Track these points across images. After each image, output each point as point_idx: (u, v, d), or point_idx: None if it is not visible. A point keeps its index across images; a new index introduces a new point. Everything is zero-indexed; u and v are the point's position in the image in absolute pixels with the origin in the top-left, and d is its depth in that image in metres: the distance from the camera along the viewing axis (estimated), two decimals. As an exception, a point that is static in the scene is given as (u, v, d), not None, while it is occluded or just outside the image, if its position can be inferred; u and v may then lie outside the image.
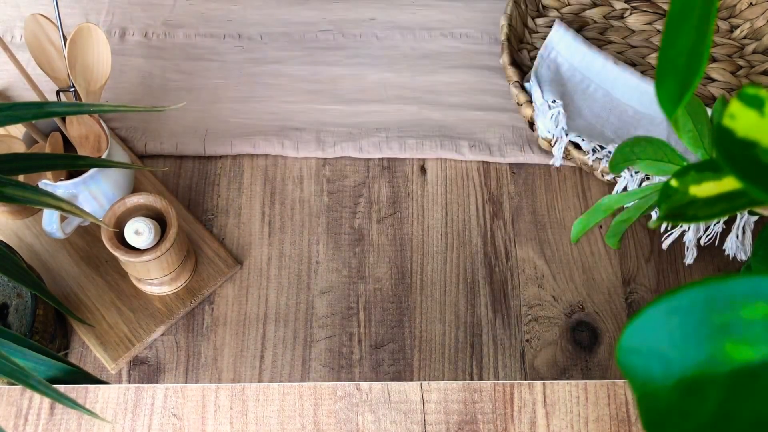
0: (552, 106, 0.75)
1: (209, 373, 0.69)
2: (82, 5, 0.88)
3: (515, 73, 0.79)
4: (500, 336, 0.72)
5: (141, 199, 0.65)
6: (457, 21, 0.90)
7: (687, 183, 0.35)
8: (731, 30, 0.89)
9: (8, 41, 0.85)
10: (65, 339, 0.70)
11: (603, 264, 0.75)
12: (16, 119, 0.51)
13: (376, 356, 0.70)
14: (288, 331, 0.71)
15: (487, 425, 0.48)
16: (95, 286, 0.71)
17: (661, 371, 0.24)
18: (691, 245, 0.73)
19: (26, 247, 0.73)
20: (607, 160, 0.74)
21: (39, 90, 0.65)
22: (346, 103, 0.83)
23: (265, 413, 0.48)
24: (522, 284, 0.74)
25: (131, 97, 0.82)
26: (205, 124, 0.80)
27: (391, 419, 0.48)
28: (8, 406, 0.48)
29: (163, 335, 0.71)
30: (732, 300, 0.24)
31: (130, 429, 0.48)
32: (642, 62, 0.87)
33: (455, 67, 0.86)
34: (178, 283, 0.71)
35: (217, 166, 0.79)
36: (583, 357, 0.71)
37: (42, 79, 0.65)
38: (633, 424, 0.48)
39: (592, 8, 0.90)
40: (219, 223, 0.76)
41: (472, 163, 0.80)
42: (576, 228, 0.58)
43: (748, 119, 0.25)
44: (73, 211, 0.49)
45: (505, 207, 0.78)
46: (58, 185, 0.66)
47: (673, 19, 0.29)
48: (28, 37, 0.64)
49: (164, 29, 0.87)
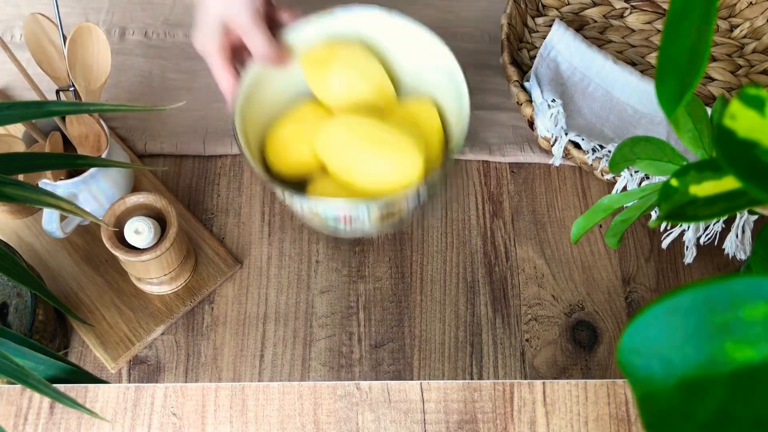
0: (552, 106, 0.75)
1: (209, 372, 0.69)
2: (81, 4, 0.88)
3: (515, 73, 0.79)
4: (500, 335, 0.72)
5: (141, 198, 0.65)
6: (456, 20, 0.89)
7: (687, 182, 0.35)
8: (731, 29, 0.89)
9: (8, 40, 0.85)
10: (65, 338, 0.70)
11: (603, 263, 0.75)
12: (15, 118, 0.51)
13: (376, 355, 0.70)
14: (288, 331, 0.71)
15: (486, 424, 0.48)
16: (95, 286, 0.71)
17: (661, 371, 0.24)
18: (691, 245, 0.73)
19: (26, 247, 0.73)
20: (606, 160, 0.74)
21: (39, 89, 0.65)
22: (346, 103, 0.82)
23: (264, 412, 0.48)
24: (522, 284, 0.74)
25: (131, 97, 0.82)
26: (205, 124, 0.80)
27: (391, 418, 0.48)
28: (8, 406, 0.48)
29: (163, 335, 0.71)
30: (732, 300, 0.24)
31: (130, 428, 0.48)
32: (642, 61, 0.87)
33: (455, 67, 0.86)
34: (177, 283, 0.71)
35: (217, 166, 0.79)
36: (583, 356, 0.71)
37: (42, 78, 0.65)
38: (633, 424, 0.48)
39: (591, 7, 0.90)
40: (219, 222, 0.76)
41: (472, 163, 0.80)
42: (576, 228, 0.58)
43: (748, 119, 0.25)
44: (72, 210, 0.49)
45: (504, 206, 0.78)
46: (58, 184, 0.66)
47: (674, 18, 0.29)
48: (28, 36, 0.64)
49: (164, 29, 0.87)
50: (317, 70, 0.66)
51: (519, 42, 0.87)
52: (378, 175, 0.61)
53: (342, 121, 0.62)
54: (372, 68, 0.66)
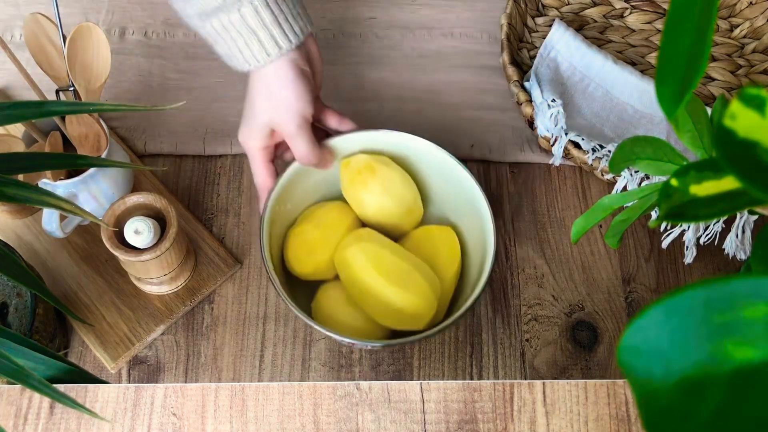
0: (551, 105, 0.75)
1: (209, 372, 0.69)
2: (81, 4, 0.88)
3: (515, 72, 0.79)
4: (500, 335, 0.72)
5: (141, 198, 0.65)
6: (456, 20, 0.90)
7: (687, 182, 0.35)
8: (731, 29, 0.89)
9: (8, 40, 0.85)
10: (65, 338, 0.70)
11: (603, 263, 0.75)
12: (15, 118, 0.51)
13: (376, 355, 0.70)
14: (288, 331, 0.71)
15: (486, 425, 0.48)
16: (95, 286, 0.71)
17: (661, 371, 0.24)
18: (691, 244, 0.73)
19: (26, 247, 0.73)
20: (606, 160, 0.74)
21: (38, 89, 0.65)
22: (346, 103, 0.83)
23: (264, 413, 0.48)
24: (522, 284, 0.74)
25: (131, 96, 0.82)
26: (205, 124, 0.80)
27: (391, 419, 0.48)
28: (8, 406, 0.48)
29: (163, 334, 0.71)
30: (733, 300, 0.24)
31: (130, 428, 0.48)
32: (642, 61, 0.87)
33: (455, 67, 0.86)
34: (177, 283, 0.71)
35: (216, 166, 0.79)
36: (582, 356, 0.71)
37: (42, 78, 0.65)
38: (633, 424, 0.48)
39: (591, 7, 0.90)
40: (219, 222, 0.76)
41: (472, 163, 0.80)
42: (576, 228, 0.58)
43: (748, 119, 0.25)
44: (72, 210, 0.49)
45: (504, 206, 0.78)
46: (58, 184, 0.66)
47: (674, 18, 0.29)
48: (28, 36, 0.64)
49: (164, 28, 0.87)
50: (354, 183, 0.68)
51: (519, 42, 0.87)
52: (388, 308, 0.63)
53: (363, 249, 0.64)
54: (406, 193, 0.69)
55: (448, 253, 0.68)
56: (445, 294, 0.67)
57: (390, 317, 0.63)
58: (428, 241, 0.68)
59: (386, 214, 0.68)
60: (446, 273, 0.67)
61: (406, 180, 0.69)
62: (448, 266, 0.67)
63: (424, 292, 0.62)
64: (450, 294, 0.68)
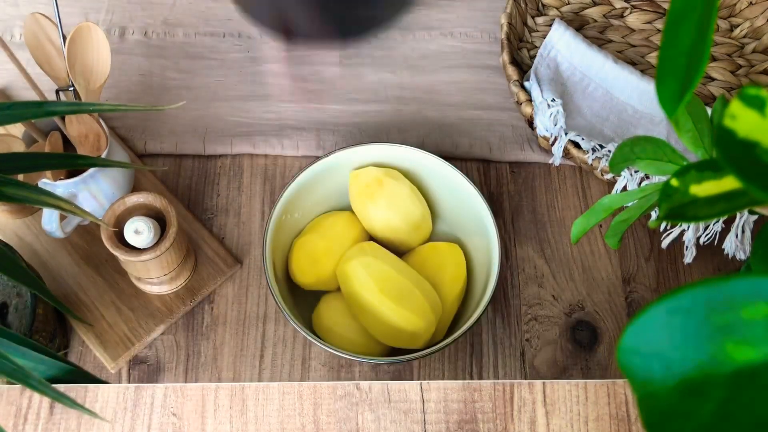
0: (551, 105, 0.75)
1: (209, 372, 0.69)
2: (81, 4, 0.88)
3: (515, 72, 0.79)
4: (500, 335, 0.72)
5: (141, 198, 0.65)
6: (456, 20, 0.89)
7: (687, 182, 0.35)
8: (731, 29, 0.89)
9: (7, 40, 0.85)
10: (65, 338, 0.70)
11: (603, 263, 0.75)
12: (15, 118, 0.51)
13: (376, 355, 0.70)
14: (288, 331, 0.71)
15: (486, 425, 0.48)
16: (95, 286, 0.71)
17: (661, 372, 0.24)
18: (691, 244, 0.73)
19: (26, 247, 0.73)
20: (606, 159, 0.74)
21: (38, 89, 0.65)
22: (346, 103, 0.83)
23: (264, 412, 0.48)
24: (522, 283, 0.74)
25: (131, 96, 0.82)
26: (205, 123, 0.80)
27: (391, 419, 0.48)
28: (8, 406, 0.48)
29: (163, 334, 0.71)
30: (733, 300, 0.24)
31: (130, 428, 0.48)
32: (642, 61, 0.87)
33: (455, 67, 0.86)
34: (177, 283, 0.71)
35: (216, 166, 0.79)
36: (582, 356, 0.71)
37: (41, 78, 0.65)
38: (633, 424, 0.48)
39: (591, 7, 0.90)
40: (219, 222, 0.76)
41: (472, 162, 0.80)
42: (576, 228, 0.58)
43: (749, 120, 0.25)
44: (72, 210, 0.49)
45: (504, 206, 0.78)
46: (58, 184, 0.66)
47: (674, 18, 0.29)
48: (28, 36, 0.64)
49: (164, 28, 0.87)
50: (361, 196, 0.68)
51: (519, 41, 0.87)
52: (386, 325, 0.63)
53: (365, 263, 0.64)
54: (413, 209, 0.68)
55: (453, 271, 0.67)
56: (447, 312, 0.66)
57: (387, 334, 0.63)
58: (435, 257, 0.68)
59: (392, 229, 0.68)
60: (451, 290, 0.67)
61: (414, 195, 0.69)
62: (454, 284, 0.67)
63: (424, 312, 0.62)
64: (453, 312, 0.68)
